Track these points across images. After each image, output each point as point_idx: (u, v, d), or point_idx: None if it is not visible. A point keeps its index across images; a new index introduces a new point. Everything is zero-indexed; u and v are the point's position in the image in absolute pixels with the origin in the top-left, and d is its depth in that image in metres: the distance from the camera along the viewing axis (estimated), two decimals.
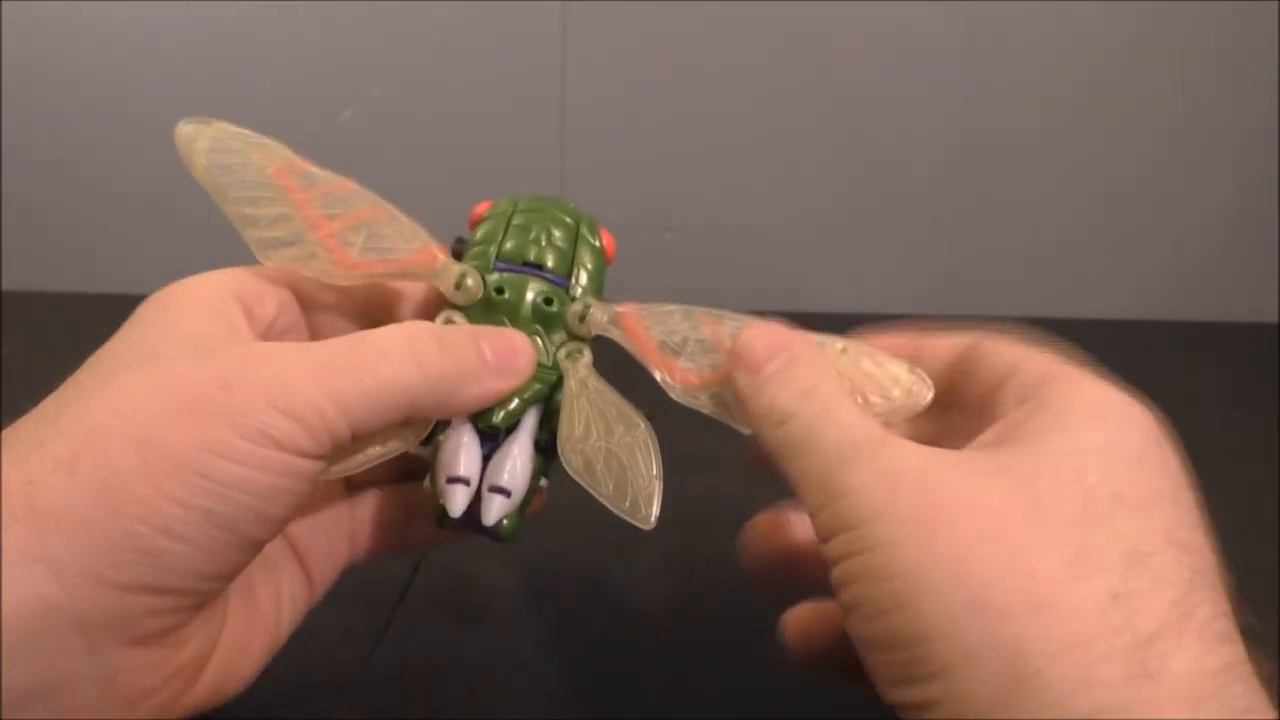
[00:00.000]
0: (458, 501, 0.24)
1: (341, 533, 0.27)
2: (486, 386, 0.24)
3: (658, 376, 0.26)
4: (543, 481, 0.26)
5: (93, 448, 0.19)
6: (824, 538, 0.21)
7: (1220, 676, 0.17)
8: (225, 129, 0.26)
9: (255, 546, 0.21)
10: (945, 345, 0.26)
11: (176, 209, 0.65)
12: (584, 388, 0.25)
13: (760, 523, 0.28)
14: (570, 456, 0.24)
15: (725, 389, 0.25)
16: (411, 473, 0.28)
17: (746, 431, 0.25)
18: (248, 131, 0.27)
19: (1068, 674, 0.17)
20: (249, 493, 0.20)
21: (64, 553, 0.18)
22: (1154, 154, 0.68)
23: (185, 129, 0.26)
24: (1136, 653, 0.17)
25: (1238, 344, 0.68)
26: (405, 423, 0.23)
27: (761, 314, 0.26)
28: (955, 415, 0.26)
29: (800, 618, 0.28)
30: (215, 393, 0.20)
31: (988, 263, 0.71)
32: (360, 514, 0.27)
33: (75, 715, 0.19)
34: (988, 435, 0.23)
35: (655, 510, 0.24)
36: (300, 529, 0.26)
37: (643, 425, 0.25)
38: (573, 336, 0.27)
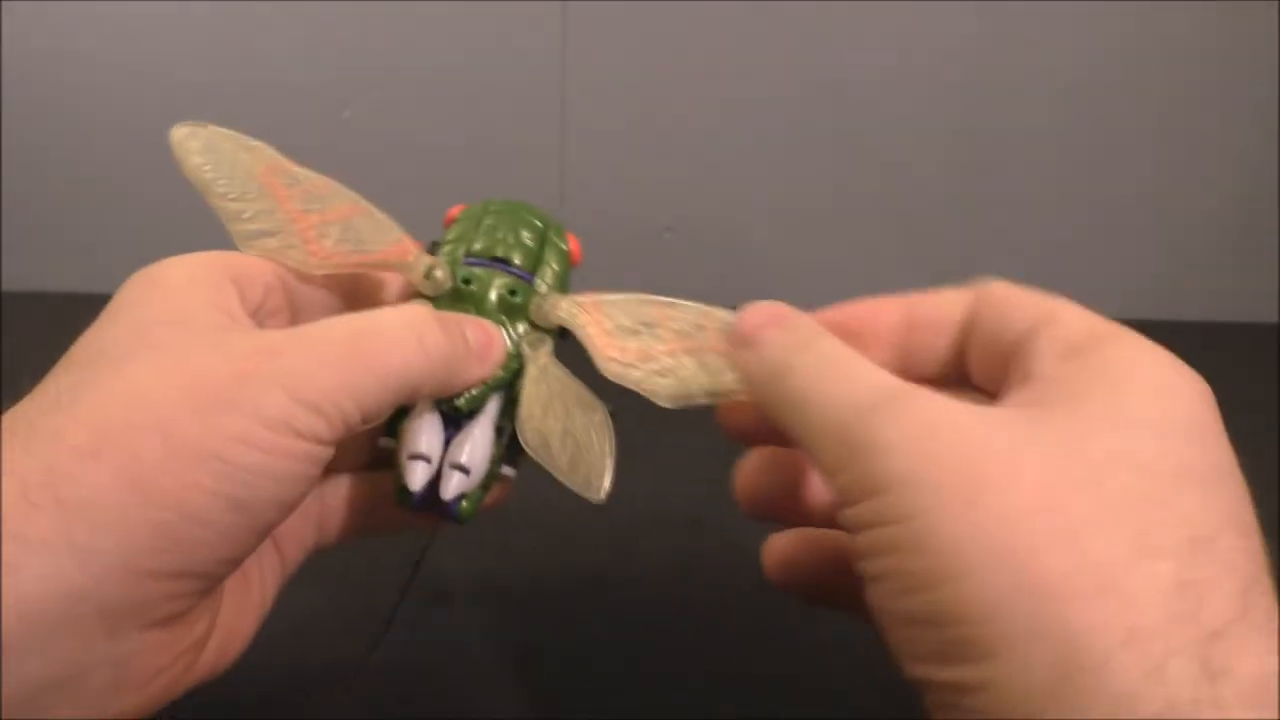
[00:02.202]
0: (417, 477, 0.25)
1: (310, 515, 0.27)
2: (469, 373, 0.25)
3: (596, 356, 0.26)
4: (508, 470, 0.27)
5: (116, 438, 0.19)
6: (847, 501, 0.19)
7: None
8: (217, 131, 0.28)
9: (269, 530, 0.22)
10: (945, 306, 0.25)
11: (177, 209, 0.65)
12: (545, 374, 0.26)
13: (755, 459, 0.27)
14: (528, 435, 0.25)
15: (670, 363, 0.26)
16: (378, 461, 0.29)
17: (705, 400, 0.25)
18: (238, 134, 0.28)
19: (1135, 667, 0.16)
20: (271, 479, 0.20)
21: (92, 542, 0.18)
22: (1154, 154, 0.68)
23: (180, 131, 0.28)
24: (1204, 649, 0.16)
25: (1238, 344, 0.68)
26: None
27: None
28: (971, 377, 0.24)
29: (783, 546, 0.27)
30: (235, 385, 0.20)
31: (987, 263, 0.70)
32: (329, 499, 0.28)
33: (91, 697, 0.19)
34: (1025, 393, 0.21)
35: (606, 485, 0.25)
36: None
37: (600, 410, 0.26)
38: (536, 328, 0.27)
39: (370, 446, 0.28)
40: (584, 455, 0.25)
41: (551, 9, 0.63)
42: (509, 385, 0.27)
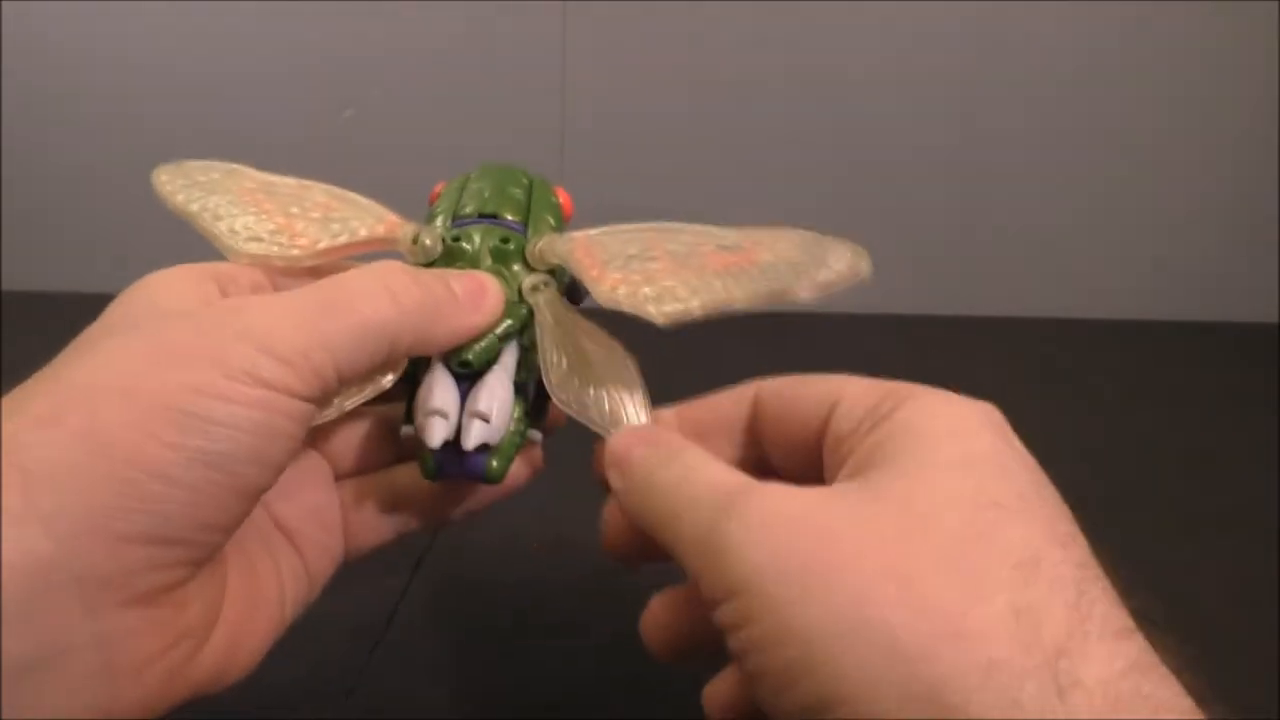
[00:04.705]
0: (435, 432, 0.24)
1: (333, 521, 0.27)
2: (461, 322, 0.24)
3: (593, 287, 0.26)
4: (535, 435, 0.27)
5: (76, 401, 0.19)
6: (710, 605, 0.20)
7: (1129, 676, 0.17)
8: (194, 165, 0.29)
9: (251, 494, 0.21)
10: (731, 404, 0.26)
11: None
12: (557, 320, 0.26)
13: (655, 607, 0.26)
14: (557, 390, 0.25)
15: (668, 283, 0.25)
16: (400, 457, 0.28)
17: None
18: (214, 161, 0.29)
19: (991, 703, 0.16)
20: (241, 430, 0.20)
21: (55, 506, 0.18)
22: (1154, 154, 0.68)
23: (159, 175, 0.29)
24: (1049, 668, 0.17)
25: (1238, 344, 0.68)
26: (385, 364, 0.24)
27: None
28: (787, 464, 0.25)
29: (720, 692, 0.24)
30: (198, 341, 0.20)
31: (988, 263, 0.71)
32: (350, 503, 0.27)
33: (78, 684, 0.19)
34: (846, 470, 0.22)
35: (645, 414, 0.25)
36: (293, 516, 0.26)
37: (617, 345, 0.26)
38: (535, 272, 0.27)
39: (391, 445, 0.28)
40: (613, 395, 0.25)
41: (551, 9, 0.63)
42: (520, 335, 0.26)
